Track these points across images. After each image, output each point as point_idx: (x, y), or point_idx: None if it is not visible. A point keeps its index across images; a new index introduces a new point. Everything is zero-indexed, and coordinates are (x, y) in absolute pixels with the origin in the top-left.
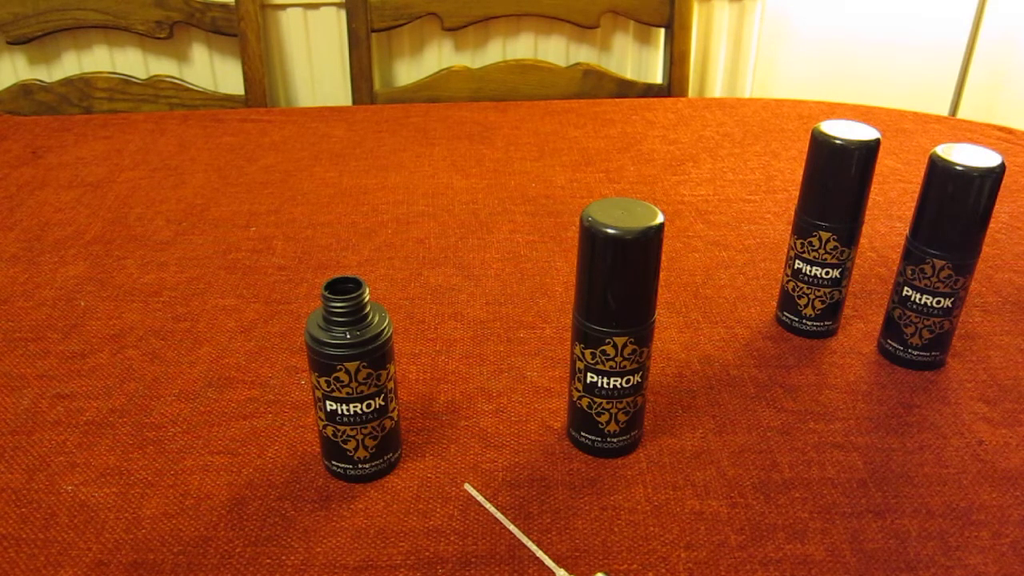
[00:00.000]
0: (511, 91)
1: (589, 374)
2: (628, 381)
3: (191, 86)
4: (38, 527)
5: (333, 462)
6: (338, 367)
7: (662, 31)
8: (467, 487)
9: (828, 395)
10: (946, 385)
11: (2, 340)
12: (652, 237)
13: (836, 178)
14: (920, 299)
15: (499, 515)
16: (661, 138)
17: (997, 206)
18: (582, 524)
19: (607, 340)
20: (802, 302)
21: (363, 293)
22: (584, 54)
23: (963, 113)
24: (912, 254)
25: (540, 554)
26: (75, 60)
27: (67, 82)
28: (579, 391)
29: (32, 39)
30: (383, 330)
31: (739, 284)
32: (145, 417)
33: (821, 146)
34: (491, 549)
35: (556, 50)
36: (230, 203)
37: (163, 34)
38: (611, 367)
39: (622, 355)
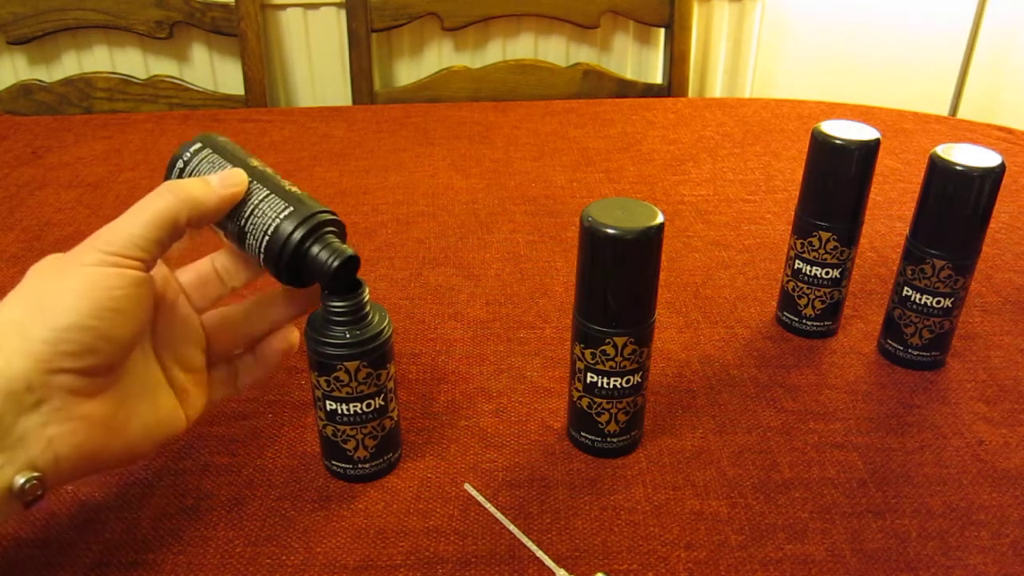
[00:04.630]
0: (511, 91)
1: (589, 374)
2: (628, 381)
3: (191, 86)
4: (38, 527)
5: (333, 462)
6: (338, 367)
7: (662, 31)
8: (467, 487)
9: (828, 395)
10: (946, 385)
11: None
12: (652, 237)
13: (836, 178)
14: (920, 299)
15: (499, 515)
16: (661, 138)
17: (997, 206)
18: (582, 524)
19: (607, 340)
20: (802, 302)
21: (363, 293)
22: (584, 54)
23: (963, 113)
24: (912, 254)
25: (540, 554)
26: (75, 60)
27: (67, 82)
28: (579, 391)
29: (32, 39)
30: (383, 330)
31: (739, 284)
32: None
33: (821, 146)
34: (491, 549)
35: (556, 50)
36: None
37: (163, 34)
38: (611, 367)
39: (622, 355)
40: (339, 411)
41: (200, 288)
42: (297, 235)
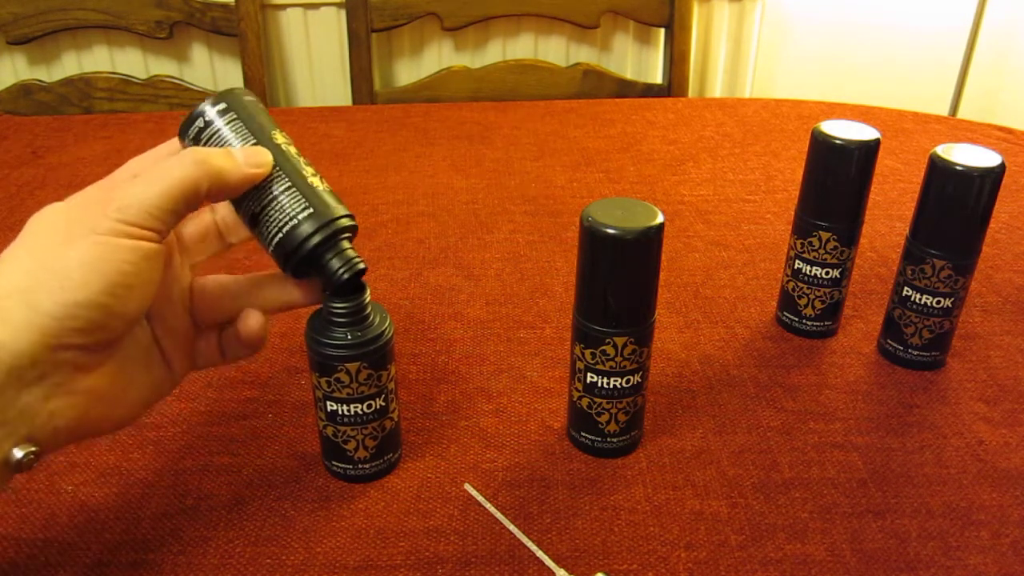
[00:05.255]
0: (511, 91)
1: (589, 374)
2: (628, 381)
3: (191, 86)
4: (38, 527)
5: (333, 462)
6: (339, 368)
7: (662, 31)
8: (467, 487)
9: (828, 395)
10: (946, 385)
11: None
12: (652, 237)
13: (836, 178)
14: (920, 299)
15: (499, 515)
16: (661, 138)
17: (997, 206)
18: (582, 524)
19: (607, 340)
20: (802, 302)
21: (364, 295)
22: (584, 54)
23: (963, 113)
24: (912, 254)
25: (540, 554)
26: (75, 60)
27: (67, 82)
28: (579, 391)
29: (32, 39)
30: (384, 331)
31: (739, 284)
32: (145, 417)
33: (821, 146)
34: (491, 549)
35: (556, 50)
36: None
37: (163, 34)
38: (611, 367)
39: (622, 355)
40: (340, 412)
41: (200, 242)
42: (312, 242)
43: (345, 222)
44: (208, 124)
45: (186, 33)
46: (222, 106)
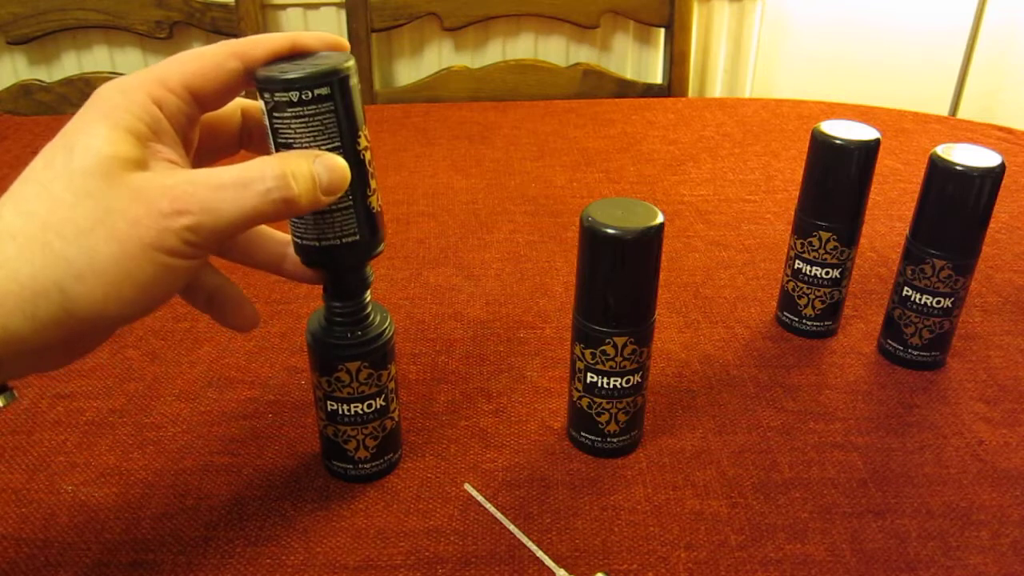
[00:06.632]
0: (511, 91)
1: (589, 374)
2: (628, 381)
3: None
4: (38, 527)
5: (333, 462)
6: (339, 367)
7: (662, 31)
8: (467, 487)
9: (828, 395)
10: (946, 385)
11: None
12: (652, 237)
13: (836, 178)
14: (920, 299)
15: (499, 515)
16: (661, 138)
17: (997, 206)
18: (582, 524)
19: (607, 340)
20: (802, 302)
21: (366, 295)
22: (584, 54)
23: (963, 113)
24: (912, 254)
25: (540, 554)
26: (75, 60)
27: (67, 82)
28: (579, 391)
29: (32, 39)
30: (384, 330)
31: (739, 284)
32: (145, 417)
33: (821, 146)
34: (491, 549)
35: (556, 50)
36: None
37: (163, 34)
38: (611, 367)
39: (622, 355)
40: (340, 411)
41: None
42: (343, 265)
43: (379, 251)
44: (301, 102)
45: (186, 33)
46: (325, 90)
